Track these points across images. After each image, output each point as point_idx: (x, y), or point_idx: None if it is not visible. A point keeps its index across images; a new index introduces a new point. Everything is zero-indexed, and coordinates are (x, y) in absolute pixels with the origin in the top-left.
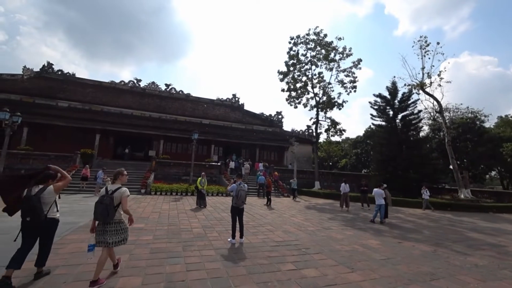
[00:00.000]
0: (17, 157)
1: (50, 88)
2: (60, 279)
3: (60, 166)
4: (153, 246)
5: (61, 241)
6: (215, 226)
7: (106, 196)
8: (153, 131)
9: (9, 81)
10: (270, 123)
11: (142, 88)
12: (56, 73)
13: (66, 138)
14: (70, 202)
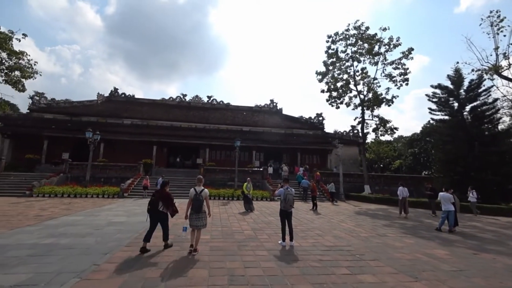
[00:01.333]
0: (98, 167)
1: (117, 109)
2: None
3: (128, 174)
4: (211, 245)
5: (140, 237)
6: (264, 229)
7: (199, 195)
8: (199, 140)
9: (88, 106)
10: (310, 126)
11: (187, 102)
12: (121, 96)
13: (130, 150)
14: (138, 205)
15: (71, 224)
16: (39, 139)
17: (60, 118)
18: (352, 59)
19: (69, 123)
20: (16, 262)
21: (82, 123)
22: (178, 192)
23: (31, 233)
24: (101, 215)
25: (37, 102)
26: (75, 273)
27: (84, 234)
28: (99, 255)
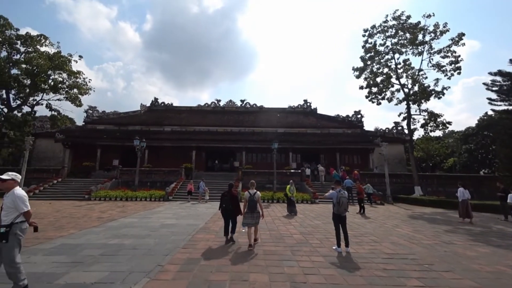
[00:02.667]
0: (144, 172)
1: (158, 117)
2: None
3: (171, 178)
4: (264, 248)
5: (193, 239)
6: (313, 233)
7: (253, 197)
8: (234, 144)
9: (133, 116)
10: (348, 124)
11: (221, 107)
12: (160, 105)
13: (172, 155)
14: (183, 208)
15: (129, 226)
16: (93, 148)
17: (110, 128)
18: (392, 52)
19: (117, 133)
20: (91, 261)
21: (128, 132)
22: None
23: (98, 234)
24: (153, 218)
25: (90, 115)
26: (144, 273)
27: (143, 236)
28: (160, 256)
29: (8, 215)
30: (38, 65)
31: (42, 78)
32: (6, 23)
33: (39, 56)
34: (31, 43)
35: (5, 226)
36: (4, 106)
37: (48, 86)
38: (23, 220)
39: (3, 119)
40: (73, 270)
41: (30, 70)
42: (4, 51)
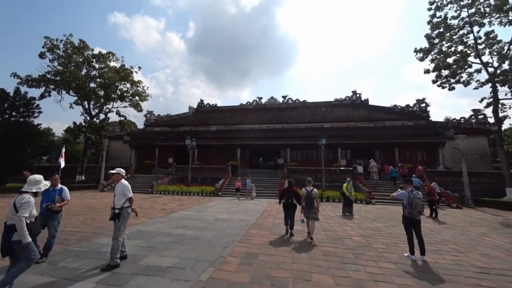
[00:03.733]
0: (195, 169)
1: (204, 118)
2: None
3: (219, 175)
4: (322, 249)
5: (247, 234)
6: (375, 237)
7: (310, 193)
8: (278, 141)
9: (183, 118)
10: (409, 115)
11: (263, 104)
12: (206, 106)
13: (218, 153)
14: (233, 203)
15: (188, 218)
16: (152, 148)
17: (164, 130)
18: (469, 25)
19: (171, 134)
20: (163, 247)
21: (179, 133)
22: (265, 192)
23: (164, 224)
24: (207, 212)
25: (148, 118)
26: (209, 262)
27: (202, 228)
28: (220, 248)
29: (119, 200)
30: (109, 78)
31: (112, 89)
32: (85, 45)
33: (109, 70)
34: (103, 60)
35: (118, 209)
36: (87, 114)
37: (116, 95)
38: (128, 206)
39: (86, 125)
40: (150, 253)
41: (103, 83)
42: (84, 69)
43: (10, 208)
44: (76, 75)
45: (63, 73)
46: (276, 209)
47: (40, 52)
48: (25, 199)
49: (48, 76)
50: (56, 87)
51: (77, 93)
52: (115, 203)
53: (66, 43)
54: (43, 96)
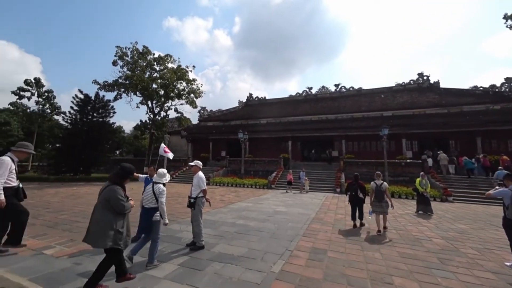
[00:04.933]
0: (248, 162)
1: (253, 111)
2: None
3: (271, 168)
4: (398, 250)
5: (310, 229)
6: (461, 240)
7: (379, 187)
8: (331, 132)
9: (233, 112)
10: (494, 97)
11: (314, 94)
12: (255, 100)
13: (269, 146)
14: (287, 196)
15: (247, 209)
16: (206, 142)
17: (217, 124)
18: None
19: (222, 127)
20: (230, 237)
21: (231, 126)
22: (319, 186)
23: (226, 214)
24: (264, 204)
25: (202, 114)
26: (277, 255)
27: (262, 220)
28: (286, 241)
29: (195, 190)
30: (168, 79)
31: (171, 88)
32: (147, 51)
33: (168, 71)
34: (162, 62)
35: (194, 198)
36: (150, 113)
37: (174, 94)
38: (202, 196)
39: (151, 123)
40: (220, 242)
41: (163, 83)
42: (148, 72)
43: (149, 195)
44: (142, 78)
45: (131, 77)
46: (334, 203)
47: (113, 60)
48: (161, 188)
49: (120, 80)
50: (126, 90)
51: (142, 94)
52: (192, 192)
53: (132, 50)
54: (116, 98)
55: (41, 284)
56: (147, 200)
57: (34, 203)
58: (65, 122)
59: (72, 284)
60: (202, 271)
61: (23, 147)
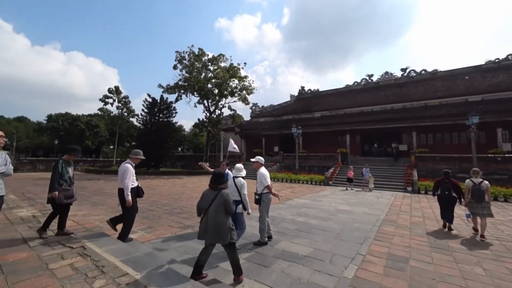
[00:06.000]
0: (302, 157)
1: (306, 105)
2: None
3: (327, 163)
4: (508, 266)
5: (381, 232)
6: None
7: (478, 186)
8: (398, 123)
9: (285, 107)
10: None
11: (375, 82)
12: (307, 93)
13: (324, 141)
14: (349, 194)
15: (305, 206)
16: (259, 137)
17: (269, 120)
18: None
19: (275, 123)
20: (292, 234)
21: (283, 121)
22: (385, 184)
23: (284, 210)
24: (323, 201)
25: (254, 110)
26: (347, 259)
27: (324, 218)
28: (354, 243)
29: (259, 187)
30: (221, 77)
31: (224, 87)
32: (202, 53)
33: (221, 71)
34: (216, 62)
35: (258, 194)
36: (207, 111)
37: (228, 92)
38: (267, 192)
39: (207, 121)
40: (282, 239)
41: (217, 82)
42: (203, 73)
43: (231, 188)
44: (198, 79)
45: (189, 79)
46: (407, 204)
47: (173, 64)
48: (242, 181)
49: (179, 83)
50: (185, 91)
51: (199, 94)
52: (257, 189)
53: (189, 54)
54: (177, 99)
55: (130, 266)
56: (230, 193)
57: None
58: (138, 123)
59: (156, 269)
60: (269, 268)
61: (138, 155)
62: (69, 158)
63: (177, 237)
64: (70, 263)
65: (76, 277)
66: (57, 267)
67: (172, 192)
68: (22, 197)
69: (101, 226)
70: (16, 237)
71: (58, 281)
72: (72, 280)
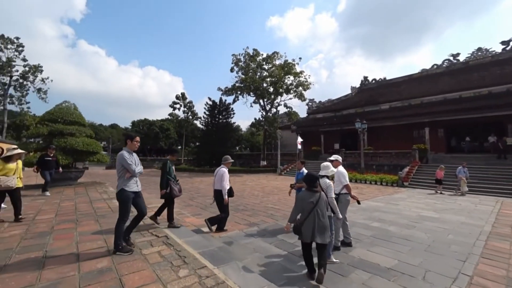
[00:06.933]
0: (368, 155)
1: (371, 96)
2: None
3: (400, 161)
4: None
5: (490, 247)
6: None
7: None
8: (501, 111)
9: (345, 100)
10: None
11: (462, 62)
12: (371, 83)
13: (393, 135)
14: (434, 198)
15: (378, 209)
16: (317, 134)
17: (327, 115)
18: None
19: (334, 118)
20: (368, 241)
21: (343, 116)
22: (482, 187)
23: (355, 213)
24: (400, 205)
25: (310, 106)
26: (447, 278)
27: (405, 225)
28: (453, 260)
29: (337, 186)
30: (276, 75)
31: (280, 85)
32: (257, 53)
33: (276, 68)
34: (270, 61)
35: (336, 194)
36: (263, 110)
37: (283, 89)
38: (346, 193)
39: (263, 120)
40: (356, 245)
41: (272, 80)
42: (258, 72)
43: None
44: (254, 79)
45: (245, 80)
46: None
47: (230, 67)
48: (328, 183)
49: (236, 84)
50: (241, 92)
51: (255, 93)
52: (335, 188)
53: (244, 55)
54: (234, 101)
55: (207, 259)
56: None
57: (188, 188)
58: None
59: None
60: (346, 278)
61: (228, 160)
62: (172, 158)
63: (244, 234)
64: (157, 250)
65: (164, 264)
66: (148, 253)
67: (234, 190)
68: None
69: (177, 219)
70: None
71: (150, 266)
72: (161, 266)
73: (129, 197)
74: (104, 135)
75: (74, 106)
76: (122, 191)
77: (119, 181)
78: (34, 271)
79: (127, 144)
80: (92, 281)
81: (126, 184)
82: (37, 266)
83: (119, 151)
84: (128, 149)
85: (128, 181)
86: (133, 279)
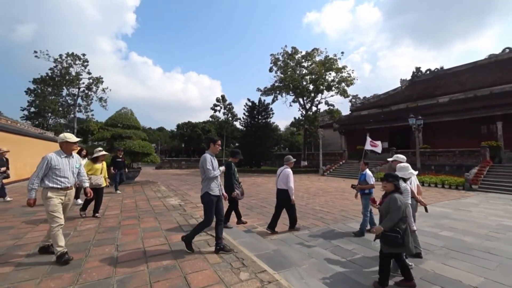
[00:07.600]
0: (424, 154)
1: (425, 89)
2: None
3: (466, 161)
4: None
5: None
6: None
7: None
8: None
9: (393, 95)
10: None
11: None
12: (424, 74)
13: (453, 132)
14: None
15: (445, 216)
16: (362, 132)
17: (373, 112)
18: None
19: (381, 115)
20: (441, 253)
21: (392, 112)
22: None
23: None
24: (472, 211)
25: (354, 103)
26: None
27: (485, 236)
28: None
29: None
30: (316, 72)
31: (320, 82)
32: (295, 51)
33: (316, 65)
34: (310, 58)
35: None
36: (303, 109)
37: (324, 87)
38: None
39: (303, 119)
40: (428, 257)
41: (312, 78)
42: (297, 71)
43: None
44: (293, 77)
45: (284, 79)
46: None
47: (269, 67)
48: (404, 186)
49: (275, 84)
50: (280, 92)
51: (294, 92)
52: None
53: (283, 54)
54: (273, 100)
55: (265, 263)
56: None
57: None
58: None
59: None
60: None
61: (290, 160)
62: (234, 160)
63: (296, 237)
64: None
65: (223, 265)
66: (207, 252)
67: None
68: (169, 189)
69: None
70: (172, 221)
71: (211, 266)
72: (222, 267)
73: (212, 201)
74: (153, 137)
75: (131, 112)
76: (206, 194)
77: (203, 184)
78: (110, 264)
79: (209, 147)
80: (160, 278)
81: (210, 187)
82: (112, 260)
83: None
84: (211, 152)
85: (211, 184)
86: (197, 279)
